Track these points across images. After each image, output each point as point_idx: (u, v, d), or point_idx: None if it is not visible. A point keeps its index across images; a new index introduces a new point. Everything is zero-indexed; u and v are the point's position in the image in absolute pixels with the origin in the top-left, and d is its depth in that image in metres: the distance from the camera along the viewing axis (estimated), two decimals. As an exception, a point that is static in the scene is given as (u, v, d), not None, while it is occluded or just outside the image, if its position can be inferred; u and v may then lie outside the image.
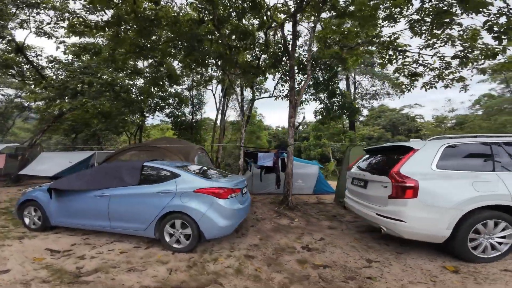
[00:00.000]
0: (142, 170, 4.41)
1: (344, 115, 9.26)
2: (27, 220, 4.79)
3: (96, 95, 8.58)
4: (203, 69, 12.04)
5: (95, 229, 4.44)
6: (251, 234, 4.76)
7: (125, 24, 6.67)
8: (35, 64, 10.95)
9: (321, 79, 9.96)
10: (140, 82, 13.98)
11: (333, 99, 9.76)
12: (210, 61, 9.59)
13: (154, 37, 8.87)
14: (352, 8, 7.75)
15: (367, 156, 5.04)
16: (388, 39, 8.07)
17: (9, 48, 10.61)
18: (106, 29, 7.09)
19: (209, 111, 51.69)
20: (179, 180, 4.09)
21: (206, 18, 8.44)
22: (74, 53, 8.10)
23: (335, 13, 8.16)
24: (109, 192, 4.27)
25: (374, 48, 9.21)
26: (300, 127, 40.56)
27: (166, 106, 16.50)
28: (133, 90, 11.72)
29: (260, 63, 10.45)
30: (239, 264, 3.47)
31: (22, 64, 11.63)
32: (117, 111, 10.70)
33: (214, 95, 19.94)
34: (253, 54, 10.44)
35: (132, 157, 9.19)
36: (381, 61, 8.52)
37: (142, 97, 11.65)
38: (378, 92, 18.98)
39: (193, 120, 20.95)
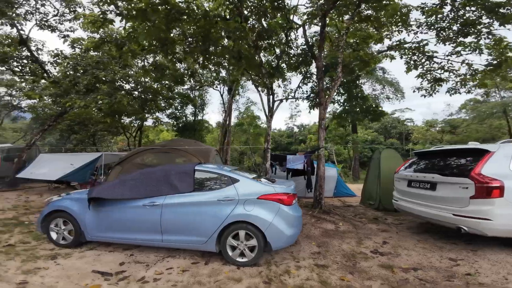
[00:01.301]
0: (194, 174, 3.82)
1: (366, 118, 9.03)
2: (54, 235, 3.96)
3: (111, 92, 7.77)
4: (216, 68, 11.47)
5: (143, 244, 3.75)
6: (302, 241, 4.39)
7: (154, 15, 6.01)
8: (35, 58, 9.87)
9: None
10: (146, 79, 13.14)
11: (354, 102, 9.52)
12: (226, 60, 9.08)
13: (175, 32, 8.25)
14: (382, 13, 7.58)
15: (417, 158, 5.11)
16: (416, 44, 7.96)
17: (8, 40, 9.52)
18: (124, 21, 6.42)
19: (211, 112, 50.48)
20: (239, 185, 3.60)
21: (231, 15, 7.95)
22: (95, 45, 7.26)
23: (357, 18, 7.97)
24: (160, 201, 3.63)
25: (396, 53, 9.08)
26: (296, 129, 40.63)
27: (168, 107, 15.64)
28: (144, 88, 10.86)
29: (279, 63, 10.06)
30: (317, 274, 3.15)
31: (20, 59, 10.49)
32: (132, 110, 9.85)
33: (222, 95, 19.18)
34: (274, 54, 10.02)
35: (150, 159, 8.56)
36: (406, 65, 8.37)
37: (155, 96, 10.83)
38: (378, 96, 19.09)
39: (194, 121, 20.21)
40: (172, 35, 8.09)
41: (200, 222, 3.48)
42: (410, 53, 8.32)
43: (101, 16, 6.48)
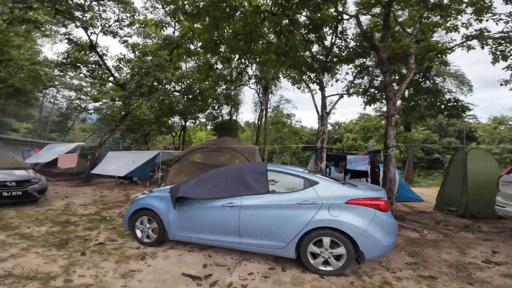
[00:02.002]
0: (267, 175, 3.61)
1: (441, 114, 7.82)
2: (139, 233, 4.02)
3: (169, 92, 8.05)
4: (258, 67, 11.21)
5: (221, 246, 3.63)
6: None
7: (215, 12, 5.92)
8: (103, 62, 10.72)
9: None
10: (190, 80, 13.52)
11: (422, 96, 8.34)
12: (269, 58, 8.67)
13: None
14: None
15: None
16: (504, 34, 6.62)
17: (77, 47, 10.48)
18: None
19: (243, 112, 51.15)
20: (319, 188, 3.31)
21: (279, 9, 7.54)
22: (160, 47, 7.58)
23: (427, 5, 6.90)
24: (238, 202, 3.47)
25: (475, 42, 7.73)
26: (330, 128, 38.62)
27: (207, 107, 15.90)
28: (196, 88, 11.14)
29: (329, 57, 9.32)
30: (428, 286, 2.92)
31: (89, 64, 11.51)
32: (188, 109, 10.19)
33: (258, 94, 19.07)
34: (323, 48, 9.33)
35: (203, 157, 8.71)
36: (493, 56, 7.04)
37: (206, 96, 11.09)
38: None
39: (230, 121, 20.43)
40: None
41: (279, 226, 3.26)
42: (496, 43, 7.01)
43: (164, 17, 6.64)
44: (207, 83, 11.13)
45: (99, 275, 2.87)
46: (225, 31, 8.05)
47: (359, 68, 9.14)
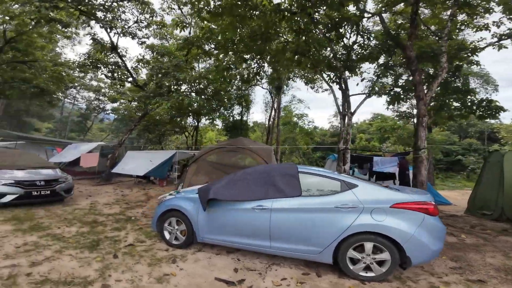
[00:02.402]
0: (299, 177, 3.47)
1: (473, 114, 7.36)
2: (167, 235, 3.94)
3: (188, 92, 8.01)
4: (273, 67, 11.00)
5: (250, 249, 3.50)
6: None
7: (238, 10, 5.78)
8: (124, 63, 10.83)
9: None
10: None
11: (451, 96, 7.90)
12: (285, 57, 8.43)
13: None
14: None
15: None
16: None
17: (100, 46, 10.62)
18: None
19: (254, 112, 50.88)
20: (358, 191, 3.15)
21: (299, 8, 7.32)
22: (182, 47, 7.54)
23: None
24: (268, 205, 3.34)
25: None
26: (342, 128, 37.55)
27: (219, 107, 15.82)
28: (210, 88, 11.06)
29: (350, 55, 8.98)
30: None
31: (109, 65, 11.65)
32: (206, 109, 10.16)
33: (271, 94, 18.84)
34: (344, 46, 9.01)
35: (220, 157, 8.64)
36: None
37: (222, 96, 11.01)
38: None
39: (241, 121, 20.29)
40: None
41: (314, 230, 3.13)
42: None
43: (184, 18, 6.56)
44: (222, 83, 11.07)
45: (135, 280, 2.78)
46: (242, 30, 7.92)
47: (382, 67, 8.77)
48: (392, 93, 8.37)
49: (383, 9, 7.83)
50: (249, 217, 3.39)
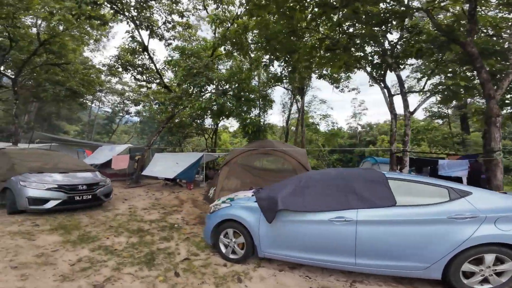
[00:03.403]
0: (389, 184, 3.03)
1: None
2: (223, 248, 3.54)
3: (219, 92, 7.65)
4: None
5: (326, 266, 3.05)
6: None
7: (284, 3, 5.31)
8: (154, 64, 10.66)
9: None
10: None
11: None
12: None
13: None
14: None
15: None
16: None
17: (129, 50, 10.50)
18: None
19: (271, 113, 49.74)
20: (473, 199, 2.75)
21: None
22: (217, 44, 7.18)
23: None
24: (352, 216, 2.90)
25: None
26: (360, 129, 36.03)
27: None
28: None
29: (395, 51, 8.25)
30: None
31: (138, 66, 11.53)
32: (237, 110, 9.80)
33: (294, 95, 18.12)
34: (389, 42, 8.29)
35: (253, 160, 8.22)
36: None
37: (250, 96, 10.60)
38: None
39: (259, 122, 19.73)
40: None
41: (419, 244, 2.72)
42: None
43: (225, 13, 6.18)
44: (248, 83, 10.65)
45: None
46: (276, 26, 7.41)
47: (435, 64, 7.97)
48: (446, 92, 7.54)
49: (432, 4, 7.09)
50: (327, 231, 2.96)
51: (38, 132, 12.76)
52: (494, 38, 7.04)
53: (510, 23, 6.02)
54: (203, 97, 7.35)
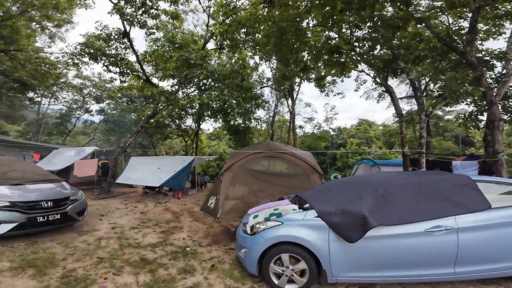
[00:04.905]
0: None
1: None
2: (274, 278, 2.70)
3: (223, 87, 6.64)
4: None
5: (420, 281, 2.72)
6: None
7: None
8: (135, 52, 8.99)
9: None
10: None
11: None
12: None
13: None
14: None
15: None
16: None
17: (102, 36, 8.72)
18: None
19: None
20: None
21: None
22: (224, 31, 6.10)
23: None
24: (451, 224, 2.58)
25: None
26: (332, 133, 37.90)
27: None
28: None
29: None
30: None
31: (111, 56, 9.68)
32: (241, 109, 8.74)
33: (286, 97, 17.51)
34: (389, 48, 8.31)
35: (258, 164, 7.42)
36: None
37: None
38: None
39: (244, 124, 19.00)
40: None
41: None
42: None
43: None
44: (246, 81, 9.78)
45: None
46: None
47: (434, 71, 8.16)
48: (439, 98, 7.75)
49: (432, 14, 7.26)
50: (424, 242, 2.58)
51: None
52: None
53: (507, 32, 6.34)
54: (206, 92, 6.24)
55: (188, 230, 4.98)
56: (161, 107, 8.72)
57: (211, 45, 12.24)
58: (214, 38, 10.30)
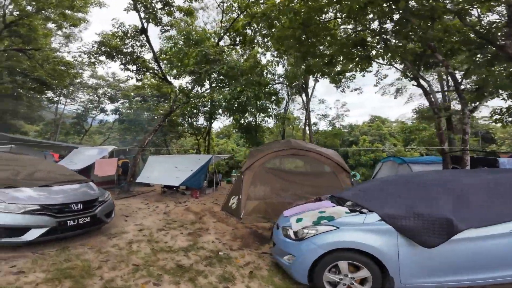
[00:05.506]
0: None
1: None
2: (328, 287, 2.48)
3: (243, 82, 6.40)
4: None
5: (496, 282, 2.47)
6: None
7: None
8: (152, 49, 8.83)
9: None
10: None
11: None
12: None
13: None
14: None
15: None
16: None
17: (117, 34, 8.61)
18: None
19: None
20: None
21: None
22: (245, 24, 5.85)
23: None
24: None
25: None
26: (344, 130, 36.95)
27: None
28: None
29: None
30: None
31: (127, 55, 9.56)
32: (261, 105, 8.50)
33: (300, 94, 16.94)
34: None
35: (279, 162, 7.16)
36: None
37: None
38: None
39: (255, 122, 18.66)
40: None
41: None
42: None
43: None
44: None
45: None
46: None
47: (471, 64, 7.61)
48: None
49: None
50: (508, 243, 2.41)
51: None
52: None
53: None
54: (226, 88, 6.04)
55: (215, 232, 4.79)
56: (177, 105, 8.56)
57: (221, 42, 12.04)
58: (228, 34, 10.08)
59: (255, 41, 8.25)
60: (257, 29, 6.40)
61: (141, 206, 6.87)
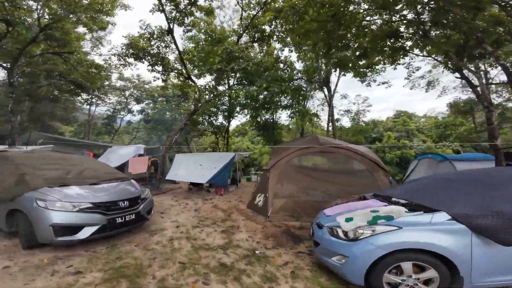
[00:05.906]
0: None
1: None
2: None
3: (269, 78, 6.34)
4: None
5: None
6: None
7: None
8: (178, 49, 9.07)
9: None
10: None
11: None
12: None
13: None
14: None
15: None
16: None
17: (146, 36, 8.89)
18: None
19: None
20: None
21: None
22: (272, 17, 5.79)
23: None
24: None
25: None
26: (364, 125, 35.29)
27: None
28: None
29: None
30: None
31: (153, 56, 9.85)
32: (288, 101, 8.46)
33: (322, 89, 16.44)
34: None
35: (304, 160, 7.02)
36: None
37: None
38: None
39: (273, 119, 18.41)
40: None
41: None
42: None
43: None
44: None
45: None
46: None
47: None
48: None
49: None
50: None
51: (35, 132, 10.85)
52: None
53: None
54: (252, 86, 6.03)
55: (246, 230, 4.84)
56: (202, 104, 8.71)
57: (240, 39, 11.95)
58: (247, 32, 10.00)
59: (274, 37, 8.13)
60: (282, 23, 6.24)
61: (172, 203, 7.13)
